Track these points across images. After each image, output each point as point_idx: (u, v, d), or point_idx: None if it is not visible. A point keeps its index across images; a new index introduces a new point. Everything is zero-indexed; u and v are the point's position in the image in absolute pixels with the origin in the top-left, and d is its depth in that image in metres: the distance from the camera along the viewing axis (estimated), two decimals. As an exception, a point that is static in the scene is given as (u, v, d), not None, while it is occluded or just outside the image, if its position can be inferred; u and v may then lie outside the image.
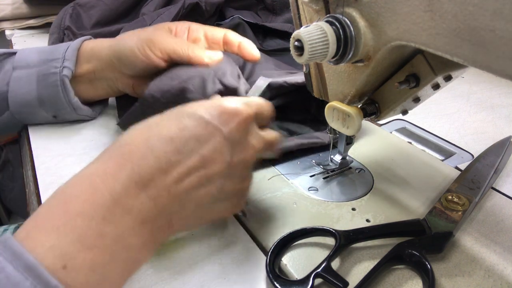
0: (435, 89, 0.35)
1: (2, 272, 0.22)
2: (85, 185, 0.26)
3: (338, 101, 0.38)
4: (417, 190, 0.43)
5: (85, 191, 0.25)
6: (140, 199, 0.26)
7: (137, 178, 0.26)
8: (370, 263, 0.33)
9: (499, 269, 0.34)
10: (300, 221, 0.38)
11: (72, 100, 0.49)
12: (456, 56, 0.26)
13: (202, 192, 0.29)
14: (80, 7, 0.75)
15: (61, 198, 0.26)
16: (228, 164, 0.30)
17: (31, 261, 0.22)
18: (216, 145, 0.29)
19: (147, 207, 0.26)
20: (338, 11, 0.32)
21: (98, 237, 0.24)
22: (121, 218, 0.25)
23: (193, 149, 0.28)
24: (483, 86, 0.72)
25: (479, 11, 0.23)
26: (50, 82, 0.48)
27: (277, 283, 0.31)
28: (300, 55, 0.31)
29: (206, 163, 0.29)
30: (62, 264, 0.23)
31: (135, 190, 0.26)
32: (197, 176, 0.28)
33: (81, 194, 0.25)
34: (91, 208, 0.25)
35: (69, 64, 0.48)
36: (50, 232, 0.24)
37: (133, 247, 0.26)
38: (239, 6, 0.89)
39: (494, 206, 0.41)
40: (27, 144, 0.50)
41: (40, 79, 0.48)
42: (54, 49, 0.49)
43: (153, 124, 0.29)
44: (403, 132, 0.57)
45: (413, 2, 0.27)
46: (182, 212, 0.29)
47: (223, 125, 0.29)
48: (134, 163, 0.27)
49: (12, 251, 0.23)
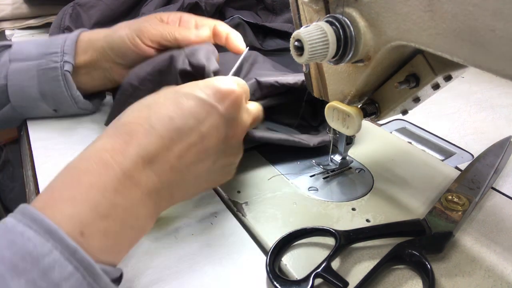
0: (435, 89, 0.35)
1: (22, 235, 0.23)
2: (95, 160, 0.27)
3: (338, 101, 0.38)
4: (417, 190, 0.43)
5: (97, 165, 0.27)
6: (146, 173, 0.28)
7: (143, 154, 0.28)
8: (370, 263, 0.33)
9: (499, 269, 0.34)
10: (300, 221, 0.38)
11: (75, 94, 0.50)
12: (456, 56, 0.26)
13: (200, 166, 0.32)
14: (80, 7, 0.75)
15: (74, 172, 0.27)
16: (223, 140, 0.32)
17: (52, 226, 0.24)
18: (213, 122, 0.31)
19: (152, 180, 0.29)
20: (338, 11, 0.32)
21: (111, 207, 0.26)
22: (130, 190, 0.27)
23: (192, 126, 0.30)
24: (483, 86, 0.72)
25: (479, 11, 0.23)
26: (52, 76, 0.48)
27: (277, 283, 0.31)
28: (300, 55, 0.31)
29: (203, 139, 0.31)
30: (80, 230, 0.25)
31: (142, 165, 0.28)
32: (196, 151, 0.31)
33: (93, 168, 0.27)
34: (103, 181, 0.27)
35: (69, 58, 0.48)
36: (66, 202, 0.25)
37: (141, 217, 0.29)
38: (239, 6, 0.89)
39: (494, 206, 0.41)
40: (27, 144, 0.50)
41: (40, 73, 0.48)
42: (51, 41, 0.50)
43: (151, 103, 0.31)
44: (403, 132, 0.57)
45: (413, 2, 0.27)
46: (182, 184, 0.31)
47: (219, 103, 0.32)
48: (140, 140, 0.29)
49: (32, 217, 0.24)
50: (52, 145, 0.48)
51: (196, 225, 0.38)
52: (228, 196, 0.41)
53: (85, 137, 0.50)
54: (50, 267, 0.23)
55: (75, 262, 0.24)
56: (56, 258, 0.23)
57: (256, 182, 0.43)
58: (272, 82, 0.45)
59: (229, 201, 0.41)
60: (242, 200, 0.40)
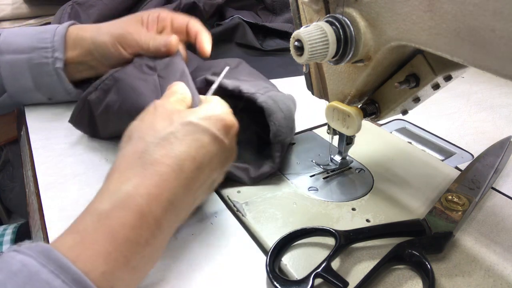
0: (435, 89, 0.35)
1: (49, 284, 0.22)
2: (131, 211, 0.27)
3: (338, 101, 0.38)
4: (417, 190, 0.43)
5: (132, 217, 0.27)
6: (171, 218, 0.30)
7: (173, 199, 0.29)
8: (370, 263, 0.33)
9: (499, 269, 0.34)
10: (300, 221, 0.38)
11: (68, 87, 0.52)
12: (456, 56, 0.26)
13: (207, 193, 0.35)
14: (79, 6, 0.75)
15: (108, 225, 0.26)
16: (224, 169, 0.35)
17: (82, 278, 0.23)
18: (221, 156, 0.33)
19: (173, 221, 0.30)
20: (338, 11, 0.32)
21: (140, 259, 0.27)
22: (156, 238, 0.28)
23: (208, 164, 0.32)
24: (483, 86, 0.72)
25: (479, 11, 0.23)
26: (45, 71, 0.50)
27: (277, 283, 0.31)
28: (300, 55, 0.31)
29: (213, 172, 0.33)
30: (111, 285, 0.25)
31: (170, 212, 0.29)
32: (209, 183, 0.34)
33: (128, 221, 0.27)
34: (137, 235, 0.27)
35: (59, 54, 0.49)
36: (101, 258, 0.25)
37: (159, 256, 0.30)
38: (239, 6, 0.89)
39: (494, 206, 0.41)
40: (27, 144, 0.50)
41: (33, 67, 0.50)
42: (40, 34, 0.50)
43: (170, 137, 0.31)
44: (403, 132, 0.57)
45: (413, 2, 0.27)
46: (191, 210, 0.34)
47: (225, 136, 0.33)
48: (171, 184, 0.29)
49: (58, 264, 0.23)
50: (52, 145, 0.48)
51: (196, 225, 0.38)
52: (228, 196, 0.41)
53: (85, 137, 0.50)
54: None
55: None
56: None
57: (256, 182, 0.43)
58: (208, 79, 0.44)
59: (229, 201, 0.41)
60: (242, 200, 0.40)
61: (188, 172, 0.30)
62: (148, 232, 0.27)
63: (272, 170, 0.43)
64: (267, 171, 0.43)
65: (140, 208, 0.27)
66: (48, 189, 0.41)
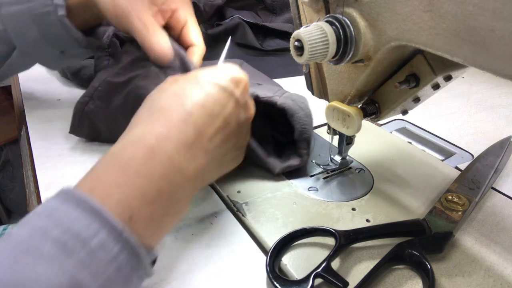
0: (435, 89, 0.35)
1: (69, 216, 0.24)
2: (140, 147, 0.28)
3: (338, 101, 0.38)
4: (417, 190, 0.43)
5: (142, 152, 0.28)
6: (187, 158, 0.30)
7: (184, 139, 0.30)
8: (370, 263, 0.33)
9: (499, 269, 0.34)
10: (300, 221, 0.38)
11: (76, 35, 0.48)
12: (456, 56, 0.26)
13: (224, 149, 0.34)
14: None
15: (119, 159, 0.28)
16: (239, 123, 0.35)
17: (97, 207, 0.24)
18: (233, 107, 0.33)
19: (192, 165, 0.30)
20: (338, 11, 0.32)
21: (157, 193, 0.27)
22: (174, 176, 0.29)
23: (219, 112, 0.32)
24: (483, 86, 0.72)
25: (479, 11, 0.23)
26: (49, 22, 0.47)
27: (277, 283, 0.31)
28: (300, 55, 0.31)
29: (227, 123, 0.33)
30: (129, 215, 0.26)
31: (184, 151, 0.30)
32: (222, 135, 0.33)
33: (138, 155, 0.28)
34: (150, 168, 0.27)
35: (59, 1, 0.46)
36: (114, 187, 0.26)
37: (181, 202, 0.30)
38: (239, 6, 0.89)
39: (494, 206, 0.41)
40: (27, 144, 0.50)
41: (36, 18, 0.47)
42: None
43: (178, 91, 0.32)
44: (403, 132, 0.57)
45: (413, 2, 0.27)
46: (211, 167, 0.33)
47: (235, 89, 0.34)
48: (180, 126, 0.30)
49: (77, 199, 0.25)
50: (52, 145, 0.48)
51: (196, 225, 0.38)
52: (228, 196, 0.41)
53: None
54: (97, 248, 0.23)
55: (122, 243, 0.24)
56: (104, 238, 0.24)
57: (256, 182, 0.43)
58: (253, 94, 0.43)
59: (229, 201, 0.41)
60: (242, 200, 0.40)
61: (197, 117, 0.31)
62: (161, 168, 0.28)
63: (301, 164, 0.44)
64: (296, 163, 0.44)
65: (149, 144, 0.28)
66: (48, 189, 0.41)
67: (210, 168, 0.33)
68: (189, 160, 0.30)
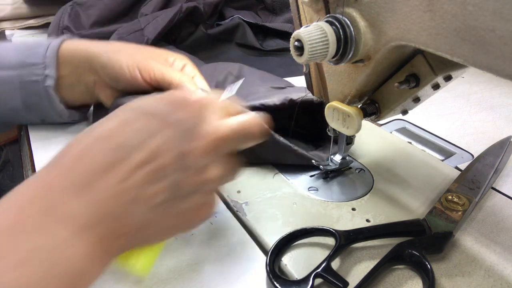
0: (435, 89, 0.35)
1: None
2: (14, 200, 0.23)
3: (338, 101, 0.38)
4: (417, 190, 0.43)
5: (15, 205, 0.23)
6: (77, 204, 0.24)
7: (72, 182, 0.24)
8: (370, 263, 0.33)
9: (499, 269, 0.34)
10: (300, 221, 0.38)
11: (58, 108, 0.48)
12: (456, 56, 0.26)
13: (152, 191, 0.26)
14: (79, 6, 0.75)
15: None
16: (180, 155, 0.27)
17: None
18: (163, 136, 0.26)
19: (86, 212, 0.24)
20: (338, 11, 0.32)
21: (29, 252, 0.22)
22: (55, 227, 0.23)
23: (137, 143, 0.26)
24: (483, 86, 0.72)
25: (479, 11, 0.23)
26: (34, 90, 0.46)
27: (277, 283, 0.31)
28: (300, 55, 0.31)
29: (153, 157, 0.26)
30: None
31: (70, 197, 0.24)
32: (145, 172, 0.25)
33: (9, 209, 0.23)
34: (19, 222, 0.22)
35: (51, 71, 0.45)
36: None
37: (73, 259, 0.23)
38: (239, 6, 0.89)
39: (494, 206, 0.41)
40: (27, 144, 0.50)
41: (22, 85, 0.46)
42: (33, 48, 0.47)
43: (94, 126, 0.27)
44: (403, 132, 0.57)
45: (413, 2, 0.27)
46: (134, 215, 0.25)
47: (169, 115, 0.27)
48: (68, 168, 0.25)
49: None
50: (52, 145, 0.48)
51: (196, 225, 0.38)
52: (228, 196, 0.41)
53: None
54: None
55: None
56: None
57: (256, 182, 0.43)
58: (256, 105, 0.43)
59: (229, 201, 0.41)
60: (242, 200, 0.40)
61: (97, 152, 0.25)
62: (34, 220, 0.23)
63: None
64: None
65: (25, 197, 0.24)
66: (48, 189, 0.41)
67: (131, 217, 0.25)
68: (79, 208, 0.24)
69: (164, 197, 0.26)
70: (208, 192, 0.29)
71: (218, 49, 0.79)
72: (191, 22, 0.76)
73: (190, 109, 0.28)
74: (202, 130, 0.28)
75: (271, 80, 0.56)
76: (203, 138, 0.27)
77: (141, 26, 0.68)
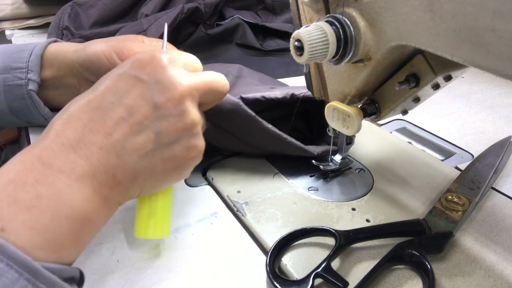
0: (435, 89, 0.35)
1: None
2: (14, 162, 0.26)
3: (338, 101, 0.38)
4: (417, 190, 0.43)
5: (14, 165, 0.26)
6: (71, 159, 0.27)
7: (62, 141, 0.27)
8: (370, 263, 0.33)
9: (499, 269, 0.34)
10: (300, 221, 0.38)
11: (43, 111, 0.48)
12: (456, 56, 0.26)
13: (139, 140, 0.29)
14: (78, 6, 0.76)
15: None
16: (155, 106, 0.30)
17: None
18: (136, 91, 0.29)
19: (80, 165, 0.27)
20: (338, 11, 0.32)
21: (34, 199, 0.24)
22: (54, 178, 0.26)
23: (113, 101, 0.29)
24: (483, 86, 0.72)
25: (479, 11, 0.23)
26: (18, 94, 0.46)
27: (277, 283, 0.31)
28: (300, 55, 0.31)
29: (131, 111, 0.29)
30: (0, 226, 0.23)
31: (63, 153, 0.27)
32: (127, 125, 0.29)
33: (10, 168, 0.26)
34: (21, 175, 0.25)
35: (34, 76, 0.46)
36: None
37: (75, 204, 0.26)
38: (239, 6, 0.89)
39: (494, 206, 0.41)
40: (27, 144, 0.50)
41: (6, 89, 0.46)
42: (18, 52, 0.47)
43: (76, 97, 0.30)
44: (403, 132, 0.57)
45: (413, 2, 0.27)
46: (126, 165, 0.29)
47: (138, 71, 0.30)
48: (57, 130, 0.28)
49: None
50: (52, 145, 0.48)
51: (196, 225, 0.38)
52: (228, 196, 0.41)
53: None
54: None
55: (5, 260, 0.21)
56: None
57: (256, 182, 0.43)
58: (258, 98, 0.43)
59: (229, 201, 0.41)
60: (242, 200, 0.40)
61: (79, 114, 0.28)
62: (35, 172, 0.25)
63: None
64: (328, 149, 0.45)
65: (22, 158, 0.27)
66: (48, 189, 0.41)
67: (125, 165, 0.29)
68: (73, 161, 0.27)
69: (151, 146, 0.30)
70: (192, 136, 0.32)
71: (218, 49, 0.79)
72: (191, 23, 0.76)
73: (156, 65, 0.31)
74: (173, 81, 0.30)
75: (271, 82, 0.57)
76: (174, 88, 0.30)
77: (144, 27, 0.67)
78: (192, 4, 0.72)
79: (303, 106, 0.47)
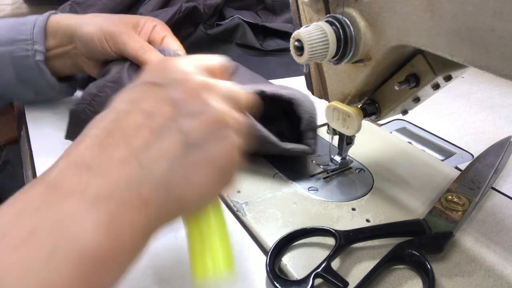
0: (435, 89, 0.35)
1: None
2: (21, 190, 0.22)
3: (338, 101, 0.38)
4: (417, 190, 0.43)
5: (19, 193, 0.22)
6: (83, 179, 0.22)
7: (75, 161, 0.23)
8: (370, 263, 0.33)
9: (499, 269, 0.34)
10: (300, 221, 0.38)
11: (50, 80, 0.51)
12: (456, 56, 0.26)
13: (165, 144, 0.25)
14: (77, 5, 0.75)
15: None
16: (174, 103, 0.26)
17: None
18: (151, 94, 0.26)
19: (94, 184, 0.22)
20: (338, 11, 0.32)
21: (31, 230, 0.19)
22: (60, 202, 0.21)
23: (127, 110, 0.26)
24: (483, 86, 0.72)
25: (479, 11, 0.23)
26: (26, 65, 0.49)
27: (277, 283, 0.31)
28: (300, 55, 0.31)
29: (150, 114, 0.25)
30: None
31: (75, 173, 0.22)
32: (148, 130, 0.25)
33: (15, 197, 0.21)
34: (21, 202, 0.21)
35: (39, 46, 0.48)
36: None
37: (81, 236, 0.20)
38: (239, 6, 0.89)
39: (494, 206, 0.41)
40: (27, 144, 0.50)
41: (14, 61, 0.49)
42: (19, 25, 0.49)
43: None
44: (403, 132, 0.57)
45: (413, 2, 0.27)
46: (153, 176, 0.24)
47: (150, 77, 0.28)
48: (71, 150, 0.24)
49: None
50: (52, 145, 0.48)
51: (196, 225, 0.38)
52: (228, 196, 0.41)
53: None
54: None
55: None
56: None
57: (256, 182, 0.43)
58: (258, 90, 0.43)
59: (229, 201, 0.41)
60: (242, 200, 0.40)
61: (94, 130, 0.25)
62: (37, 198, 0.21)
63: (309, 151, 0.44)
64: (305, 148, 0.44)
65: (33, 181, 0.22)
66: (48, 189, 0.41)
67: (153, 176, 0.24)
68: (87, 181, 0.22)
69: (180, 149, 0.25)
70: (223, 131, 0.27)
71: (218, 49, 0.79)
72: (191, 23, 0.76)
73: (160, 67, 0.29)
74: (182, 79, 0.28)
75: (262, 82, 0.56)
76: (189, 80, 0.28)
77: None
78: (190, 4, 0.72)
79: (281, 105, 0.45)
